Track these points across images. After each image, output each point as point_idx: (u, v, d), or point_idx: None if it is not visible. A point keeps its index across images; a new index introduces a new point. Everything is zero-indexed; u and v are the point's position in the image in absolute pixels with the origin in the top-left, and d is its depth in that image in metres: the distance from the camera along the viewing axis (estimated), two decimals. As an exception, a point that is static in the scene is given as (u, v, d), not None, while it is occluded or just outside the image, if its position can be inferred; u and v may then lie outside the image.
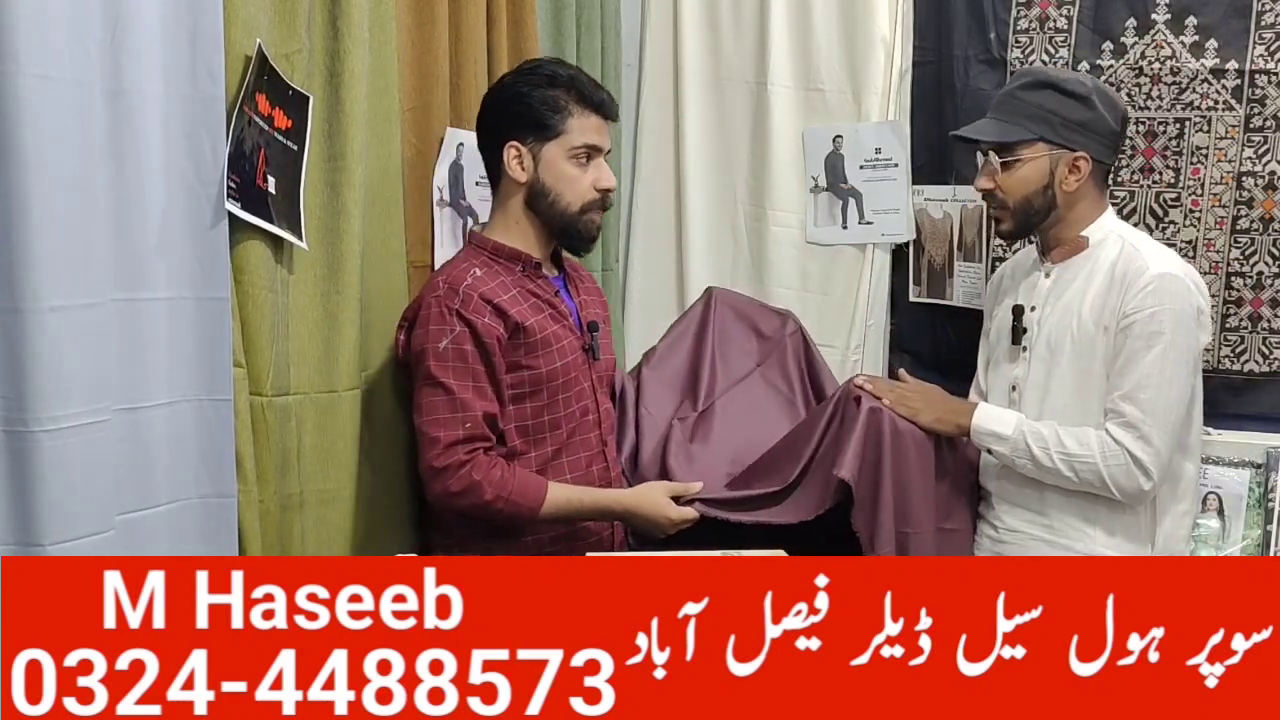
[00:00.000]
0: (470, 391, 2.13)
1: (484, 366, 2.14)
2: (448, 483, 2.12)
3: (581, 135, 2.21)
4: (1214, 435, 2.58)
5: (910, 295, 3.07)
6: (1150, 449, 2.18)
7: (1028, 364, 2.35)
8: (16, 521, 1.61)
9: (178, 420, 1.84)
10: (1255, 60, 2.65)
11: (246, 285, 1.93)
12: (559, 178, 2.21)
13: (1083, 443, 2.22)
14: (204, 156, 1.83)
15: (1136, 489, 2.21)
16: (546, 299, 2.25)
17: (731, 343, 2.59)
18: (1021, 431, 2.26)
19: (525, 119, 2.20)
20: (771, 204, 3.13)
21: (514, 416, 2.20)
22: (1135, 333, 2.20)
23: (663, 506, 2.23)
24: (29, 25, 1.54)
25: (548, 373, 2.21)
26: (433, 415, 2.13)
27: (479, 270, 2.19)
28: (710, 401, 2.51)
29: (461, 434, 2.12)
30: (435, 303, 2.14)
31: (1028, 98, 2.30)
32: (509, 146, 2.20)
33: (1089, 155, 2.28)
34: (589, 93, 2.22)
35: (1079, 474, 2.22)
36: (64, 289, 1.61)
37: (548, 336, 2.21)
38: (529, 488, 2.15)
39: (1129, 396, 2.20)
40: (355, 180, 2.13)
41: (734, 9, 3.14)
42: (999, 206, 2.35)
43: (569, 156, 2.20)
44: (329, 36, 2.10)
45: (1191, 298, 2.23)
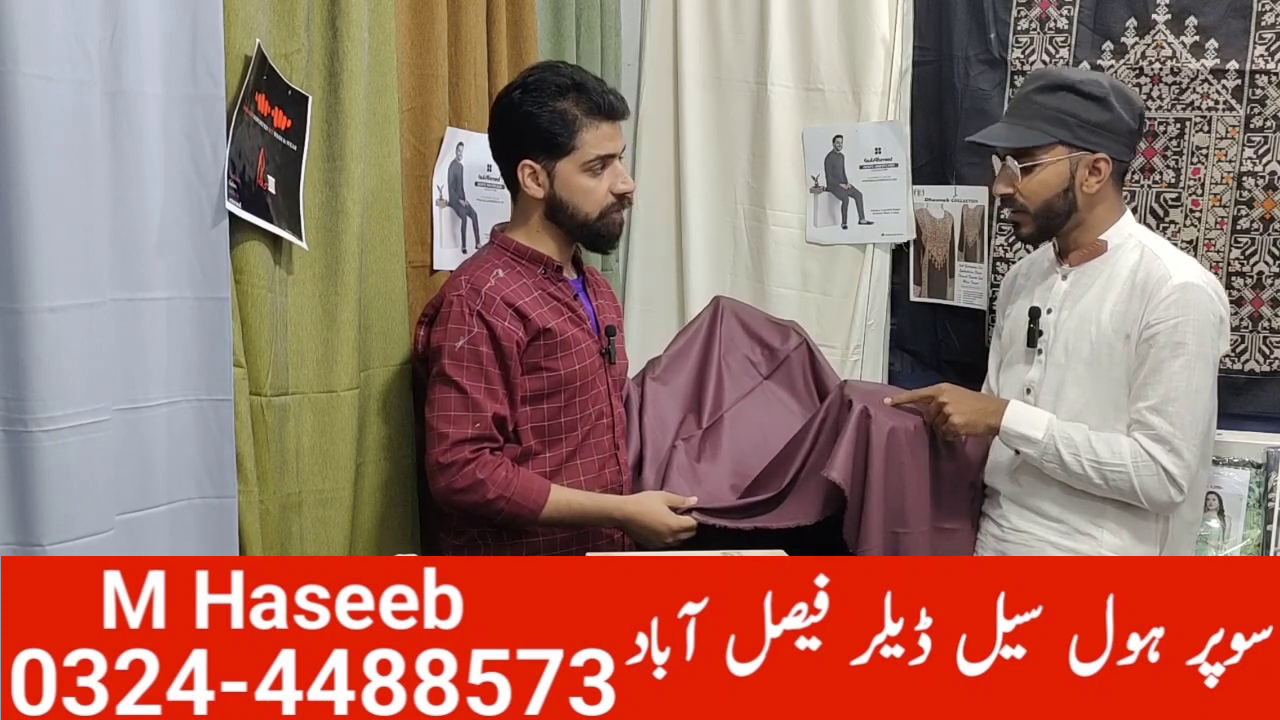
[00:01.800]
0: (482, 392, 2.14)
1: (498, 369, 2.15)
2: (452, 479, 2.12)
3: (594, 148, 2.20)
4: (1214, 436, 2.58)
5: (911, 295, 3.07)
6: (1181, 462, 2.17)
7: (1043, 367, 2.33)
8: (16, 521, 1.62)
9: (178, 420, 1.84)
10: (1255, 60, 2.64)
11: (246, 285, 1.93)
12: (575, 191, 2.21)
13: (1115, 451, 2.19)
14: (204, 156, 1.84)
15: (1167, 501, 2.19)
16: (566, 302, 2.26)
17: (737, 355, 2.60)
18: (1052, 435, 2.23)
19: (536, 139, 2.19)
20: (771, 204, 3.13)
21: (530, 417, 2.21)
22: (1160, 343, 2.18)
23: (663, 515, 2.23)
24: (29, 25, 1.54)
25: (566, 375, 2.22)
26: (444, 411, 2.14)
27: (502, 271, 2.20)
28: (717, 417, 2.51)
29: (471, 432, 2.13)
30: (457, 301, 2.16)
31: (1044, 101, 2.28)
32: (523, 165, 2.21)
33: (1109, 156, 2.26)
34: (597, 99, 2.21)
35: (1109, 481, 2.20)
36: (64, 289, 1.61)
37: (568, 339, 2.23)
38: (532, 489, 2.16)
39: (1158, 409, 2.18)
40: (354, 180, 2.13)
41: (734, 9, 3.14)
42: (1019, 211, 2.33)
43: (583, 170, 2.21)
44: (328, 36, 2.10)
45: (1214, 307, 2.22)
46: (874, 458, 2.23)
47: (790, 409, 2.55)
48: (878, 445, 2.23)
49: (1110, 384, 2.24)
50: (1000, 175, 2.35)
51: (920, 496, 2.29)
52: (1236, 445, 2.63)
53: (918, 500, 2.28)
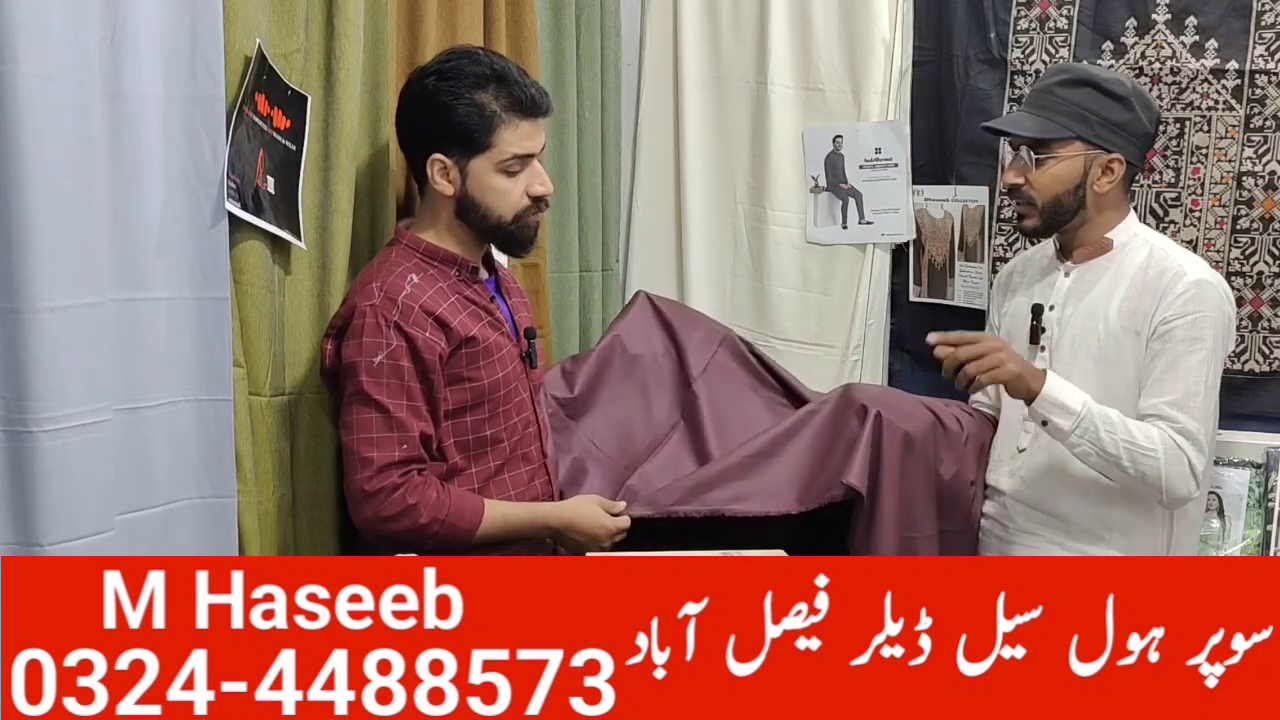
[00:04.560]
0: (405, 410, 1.99)
1: (421, 384, 2.01)
2: (380, 506, 1.98)
3: (513, 146, 2.06)
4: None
5: (911, 295, 3.07)
6: (1203, 457, 2.16)
7: (1047, 364, 2.32)
8: (16, 521, 1.61)
9: (178, 420, 1.84)
10: (1255, 60, 2.64)
11: (246, 285, 1.93)
12: (488, 192, 2.07)
13: (1149, 436, 2.15)
14: (204, 156, 1.83)
15: (1186, 495, 2.18)
16: (483, 305, 2.13)
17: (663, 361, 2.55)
18: (1090, 410, 2.16)
19: (449, 133, 2.05)
20: (771, 204, 3.13)
21: (453, 432, 2.08)
22: (1177, 337, 2.17)
23: (599, 517, 2.16)
24: (29, 25, 1.54)
25: (490, 384, 2.09)
26: (365, 434, 1.99)
27: (416, 276, 2.04)
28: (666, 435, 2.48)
29: (398, 455, 1.99)
30: (371, 312, 1.99)
31: (1067, 95, 2.26)
32: (433, 160, 2.06)
33: (1123, 158, 2.26)
34: (519, 93, 2.05)
35: (1138, 464, 2.14)
36: (64, 289, 1.61)
37: (489, 346, 2.09)
38: (466, 508, 2.04)
39: (1181, 405, 2.16)
40: (348, 179, 2.12)
41: (734, 9, 3.14)
42: (1026, 203, 2.31)
43: (498, 170, 2.06)
44: (326, 36, 2.10)
45: (1225, 305, 2.23)
46: (887, 463, 2.22)
47: (745, 385, 2.53)
48: (891, 450, 2.23)
49: (1118, 380, 2.24)
50: (1012, 164, 2.33)
51: (927, 498, 2.29)
52: (1236, 445, 2.63)
53: (926, 503, 2.28)
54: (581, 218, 2.95)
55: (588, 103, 2.96)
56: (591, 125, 2.98)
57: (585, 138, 2.94)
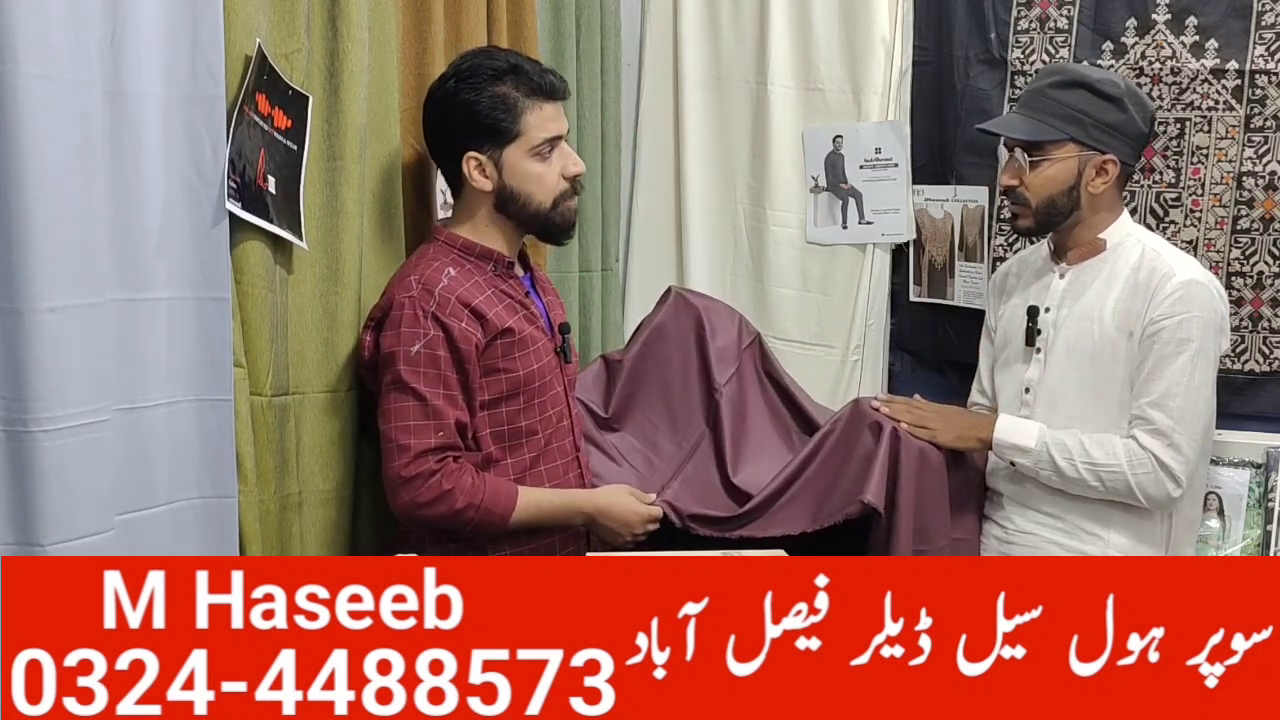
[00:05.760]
0: (442, 399, 2.04)
1: (457, 374, 2.06)
2: (416, 492, 2.03)
3: (540, 130, 2.12)
4: (1214, 435, 2.58)
5: (911, 295, 3.07)
6: (1180, 456, 2.17)
7: (1042, 365, 2.33)
8: (16, 521, 1.61)
9: (178, 420, 1.84)
10: (1255, 60, 2.64)
11: (246, 285, 1.93)
12: (525, 178, 2.13)
13: (1109, 451, 2.20)
14: (204, 156, 1.83)
15: (1165, 496, 2.19)
16: (519, 299, 2.18)
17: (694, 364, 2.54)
18: (1045, 443, 2.24)
19: (478, 127, 2.10)
20: (771, 204, 3.13)
21: (489, 423, 2.12)
22: (1164, 339, 2.19)
23: (633, 504, 2.21)
24: (29, 25, 1.54)
25: (525, 376, 2.14)
26: (402, 421, 2.04)
27: (453, 269, 2.10)
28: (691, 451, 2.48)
29: (434, 442, 2.04)
30: (409, 303, 2.05)
31: (1059, 96, 2.27)
32: (468, 158, 2.12)
33: (1117, 158, 2.26)
34: (536, 79, 2.12)
35: (1105, 483, 2.20)
36: (64, 289, 1.61)
37: (525, 338, 2.14)
38: (500, 494, 2.09)
39: (1158, 404, 2.18)
40: (354, 180, 2.13)
41: (734, 9, 3.14)
42: (1020, 204, 2.32)
43: (532, 155, 2.12)
44: (328, 37, 2.10)
45: (1216, 305, 2.23)
46: (904, 480, 2.22)
47: (762, 411, 2.52)
48: (908, 467, 2.23)
49: (1113, 381, 2.24)
50: (1007, 166, 2.34)
51: (942, 512, 2.29)
52: (1236, 445, 2.63)
53: (940, 516, 2.29)
54: (582, 218, 2.94)
55: (588, 103, 2.96)
56: (591, 125, 2.98)
57: (585, 138, 2.94)
